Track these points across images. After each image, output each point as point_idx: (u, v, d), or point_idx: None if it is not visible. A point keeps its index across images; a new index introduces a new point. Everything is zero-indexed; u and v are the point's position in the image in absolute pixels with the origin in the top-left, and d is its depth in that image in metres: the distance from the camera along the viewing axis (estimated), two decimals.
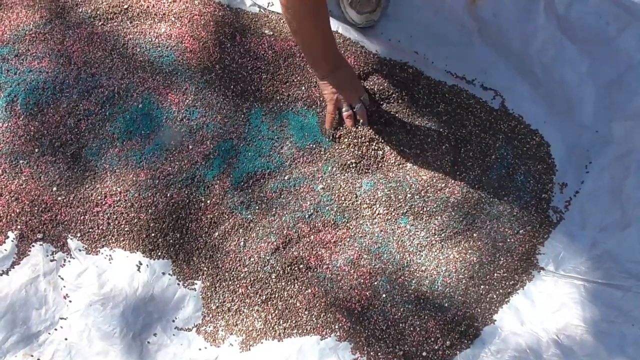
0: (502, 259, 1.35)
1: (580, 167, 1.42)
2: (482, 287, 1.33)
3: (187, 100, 1.42)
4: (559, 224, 1.37)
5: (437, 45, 1.54)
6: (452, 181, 1.40)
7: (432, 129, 1.44)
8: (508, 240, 1.36)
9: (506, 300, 1.33)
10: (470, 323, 1.31)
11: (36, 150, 1.36)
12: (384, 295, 1.33)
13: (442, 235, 1.36)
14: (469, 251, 1.35)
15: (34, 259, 1.32)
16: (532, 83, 1.50)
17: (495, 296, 1.33)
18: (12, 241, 1.32)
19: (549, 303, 1.31)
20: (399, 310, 1.32)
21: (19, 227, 1.33)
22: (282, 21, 1.51)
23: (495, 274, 1.34)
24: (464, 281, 1.33)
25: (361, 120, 1.38)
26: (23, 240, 1.32)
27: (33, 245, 1.33)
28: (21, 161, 1.36)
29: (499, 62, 1.52)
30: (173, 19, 1.48)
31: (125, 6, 1.48)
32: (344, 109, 1.38)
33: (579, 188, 1.40)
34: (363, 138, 1.40)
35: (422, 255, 1.35)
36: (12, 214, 1.33)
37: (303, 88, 1.45)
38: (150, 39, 1.46)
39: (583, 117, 1.46)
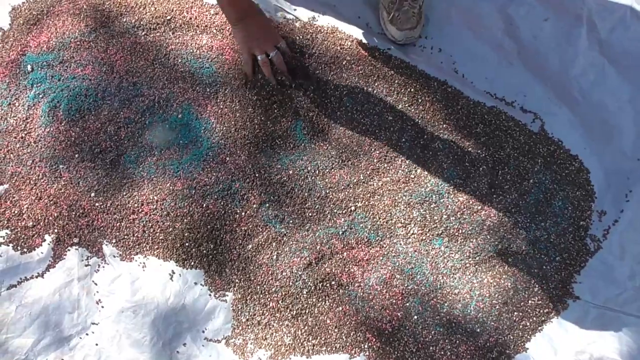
0: (537, 285, 1.32)
1: (620, 195, 1.39)
2: (515, 313, 1.31)
3: (225, 112, 1.43)
4: (597, 253, 1.35)
5: (477, 65, 1.53)
6: (489, 204, 1.38)
7: (470, 150, 1.43)
8: (544, 267, 1.34)
9: (540, 328, 1.31)
10: (502, 350, 1.29)
11: (76, 155, 1.38)
12: (415, 317, 1.31)
13: (477, 258, 1.35)
14: (504, 276, 1.33)
15: (69, 263, 1.34)
16: (571, 107, 1.48)
17: (528, 324, 1.30)
18: (49, 244, 1.34)
19: (583, 334, 1.29)
20: (430, 332, 1.30)
21: (56, 230, 1.34)
22: (316, 33, 1.52)
23: (530, 301, 1.32)
24: (497, 307, 1.31)
25: (279, 70, 1.40)
26: (59, 244, 1.34)
27: (69, 250, 1.34)
28: (61, 166, 1.37)
29: (538, 85, 1.51)
30: (214, 30, 1.50)
31: (169, 17, 1.50)
32: (259, 57, 1.39)
33: (619, 217, 1.38)
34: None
35: (455, 278, 1.34)
36: (50, 218, 1.34)
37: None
38: (191, 50, 1.48)
39: (623, 144, 1.44)
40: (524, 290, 1.32)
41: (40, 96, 1.41)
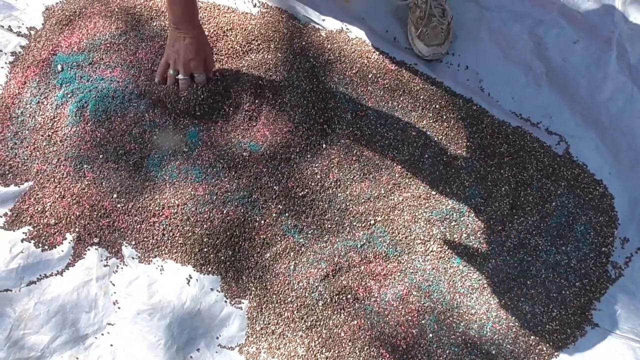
0: (555, 310, 1.31)
1: None
2: (532, 337, 1.29)
3: (252, 119, 1.43)
4: (618, 280, 1.33)
5: (503, 84, 1.53)
6: (510, 225, 1.37)
7: (492, 169, 1.42)
8: (563, 291, 1.32)
9: (556, 354, 1.29)
10: None
11: (100, 156, 1.39)
12: (430, 335, 1.30)
13: (495, 279, 1.34)
14: (522, 299, 1.32)
15: (88, 263, 1.34)
16: (598, 132, 1.47)
17: (545, 348, 1.29)
18: (70, 243, 1.35)
19: None
20: (445, 352, 1.29)
21: (77, 229, 1.35)
22: (343, 44, 1.52)
23: (547, 326, 1.30)
24: (514, 329, 1.30)
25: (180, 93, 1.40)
26: (80, 243, 1.35)
27: (89, 249, 1.35)
28: (85, 166, 1.39)
29: (565, 107, 1.50)
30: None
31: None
32: (170, 70, 1.38)
33: None
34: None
35: (472, 298, 1.33)
36: (72, 217, 1.36)
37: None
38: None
39: None
40: (541, 314, 1.31)
41: (69, 96, 1.43)
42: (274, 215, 1.38)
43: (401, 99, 1.48)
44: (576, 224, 1.37)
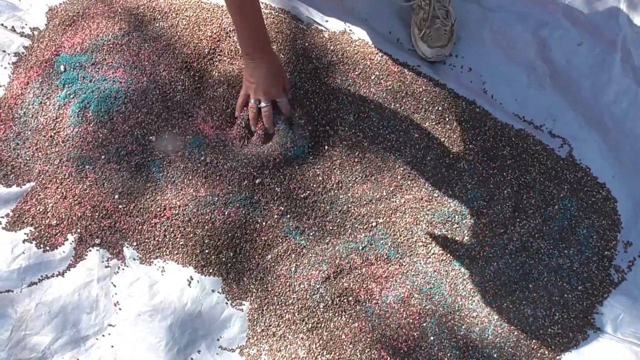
0: (557, 314, 1.30)
1: None
2: (534, 341, 1.29)
3: (254, 120, 1.43)
4: (620, 285, 1.33)
5: (507, 86, 1.52)
6: (512, 228, 1.37)
7: (495, 172, 1.41)
8: (565, 295, 1.32)
9: (558, 357, 1.28)
10: None
11: (102, 157, 1.39)
12: (431, 338, 1.30)
13: (497, 282, 1.33)
14: (524, 302, 1.31)
15: (89, 264, 1.35)
16: (601, 134, 1.46)
17: (546, 352, 1.28)
18: (71, 244, 1.35)
19: None
20: (446, 355, 1.29)
21: (78, 230, 1.36)
22: (346, 45, 1.52)
23: (549, 330, 1.29)
24: (515, 333, 1.29)
25: (263, 122, 1.40)
26: (81, 244, 1.35)
27: (90, 250, 1.35)
28: (87, 166, 1.39)
29: (568, 110, 1.49)
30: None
31: (202, 24, 1.51)
32: (251, 100, 1.39)
33: None
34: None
35: (474, 301, 1.32)
36: (74, 217, 1.36)
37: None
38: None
39: None
40: (543, 317, 1.30)
41: (71, 96, 1.43)
42: (276, 216, 1.38)
43: (404, 100, 1.48)
44: (579, 227, 1.36)
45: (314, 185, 1.41)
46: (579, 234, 1.36)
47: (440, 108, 1.47)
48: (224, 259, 1.36)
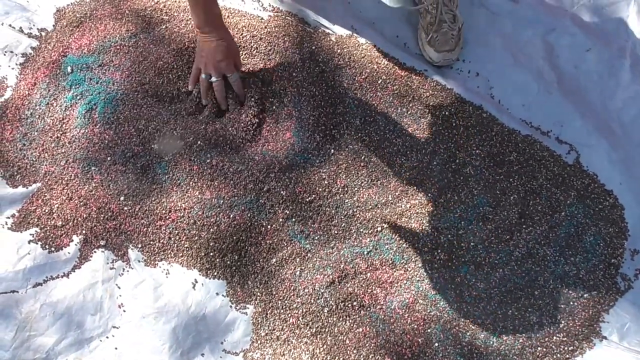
0: (563, 322, 1.30)
1: None
2: (539, 348, 1.28)
3: (260, 123, 1.43)
4: (627, 293, 1.32)
5: (514, 92, 1.51)
6: (518, 234, 1.36)
7: (501, 178, 1.40)
8: (571, 303, 1.31)
9: None
10: None
11: (108, 158, 1.39)
12: (436, 344, 1.29)
13: (502, 289, 1.32)
14: (529, 309, 1.31)
15: (94, 265, 1.35)
16: (609, 141, 1.45)
17: None
18: (76, 245, 1.35)
19: None
20: None
21: (84, 232, 1.36)
22: (353, 48, 1.51)
23: (555, 337, 1.29)
24: (520, 340, 1.29)
25: (216, 96, 1.41)
26: (86, 245, 1.35)
27: (95, 252, 1.35)
28: (93, 168, 1.39)
29: (576, 116, 1.48)
30: (251, 44, 1.50)
31: None
32: (202, 75, 1.39)
33: None
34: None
35: (479, 308, 1.31)
36: (79, 219, 1.36)
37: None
38: None
39: None
40: (549, 325, 1.30)
41: (78, 98, 1.43)
42: (281, 220, 1.38)
43: (410, 105, 1.47)
44: (585, 234, 1.36)
45: (320, 189, 1.40)
46: (585, 241, 1.35)
47: (447, 113, 1.46)
48: (228, 262, 1.35)
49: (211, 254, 1.35)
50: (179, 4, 1.55)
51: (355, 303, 1.33)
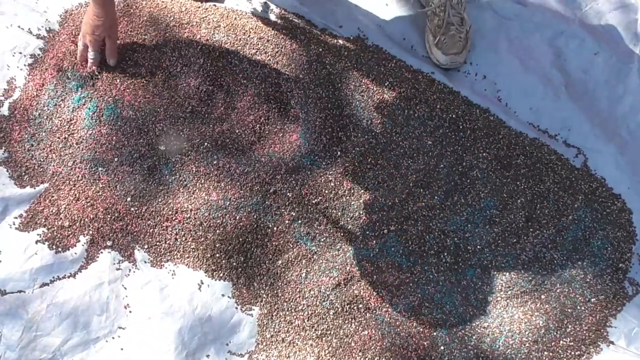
0: (569, 326, 1.29)
1: None
2: (545, 353, 1.28)
3: (266, 125, 1.43)
4: (635, 298, 1.31)
5: (522, 95, 1.51)
6: (525, 238, 1.35)
7: (508, 181, 1.40)
8: (578, 307, 1.30)
9: None
10: None
11: (115, 159, 1.40)
12: (442, 348, 1.29)
13: (509, 292, 1.32)
14: (535, 313, 1.30)
15: (100, 266, 1.35)
16: (617, 145, 1.45)
17: None
18: (83, 245, 1.35)
19: None
20: None
21: (90, 232, 1.36)
22: (360, 51, 1.51)
23: (561, 342, 1.28)
24: (527, 344, 1.28)
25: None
26: (93, 246, 1.35)
27: (101, 252, 1.36)
28: (100, 168, 1.39)
29: (583, 120, 1.48)
30: (266, 49, 1.51)
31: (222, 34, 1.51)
32: (80, 43, 1.41)
33: None
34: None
35: (485, 311, 1.31)
36: (86, 219, 1.36)
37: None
38: None
39: None
40: (555, 329, 1.29)
41: (85, 99, 1.43)
42: (287, 222, 1.38)
43: (417, 107, 1.47)
44: (593, 238, 1.35)
45: (326, 191, 1.40)
46: (593, 245, 1.35)
47: (454, 116, 1.46)
48: (234, 264, 1.36)
49: (217, 255, 1.35)
50: (187, 8, 1.55)
51: (361, 305, 1.33)
